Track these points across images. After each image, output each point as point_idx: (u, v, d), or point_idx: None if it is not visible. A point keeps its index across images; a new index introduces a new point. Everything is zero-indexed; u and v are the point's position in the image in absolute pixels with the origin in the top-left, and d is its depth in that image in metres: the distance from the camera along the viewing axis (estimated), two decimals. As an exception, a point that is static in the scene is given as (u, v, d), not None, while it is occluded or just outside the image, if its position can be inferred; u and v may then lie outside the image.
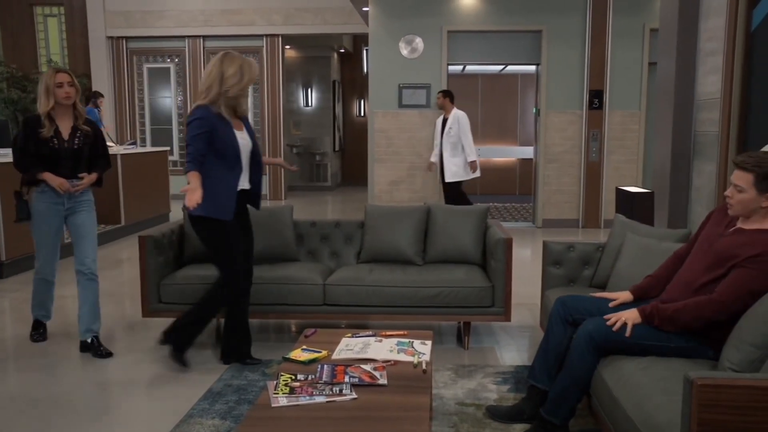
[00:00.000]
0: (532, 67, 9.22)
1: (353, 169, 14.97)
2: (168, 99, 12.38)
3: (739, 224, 2.58)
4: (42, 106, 3.85)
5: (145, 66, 12.30)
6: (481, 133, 11.58)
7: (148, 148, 10.59)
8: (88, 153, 4.00)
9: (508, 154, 11.78)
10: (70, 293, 5.78)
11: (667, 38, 4.61)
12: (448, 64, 8.80)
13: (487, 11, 8.73)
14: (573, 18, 8.62)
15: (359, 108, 15.31)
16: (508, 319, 4.07)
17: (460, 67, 10.58)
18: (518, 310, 4.83)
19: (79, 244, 4.01)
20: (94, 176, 4.03)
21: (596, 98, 8.69)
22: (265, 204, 3.91)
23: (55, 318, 4.60)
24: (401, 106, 8.73)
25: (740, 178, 2.51)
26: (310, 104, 14.20)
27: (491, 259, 4.15)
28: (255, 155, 3.68)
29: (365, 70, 14.41)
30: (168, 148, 10.09)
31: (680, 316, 2.51)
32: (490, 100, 11.93)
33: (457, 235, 4.35)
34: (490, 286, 4.04)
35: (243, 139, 3.61)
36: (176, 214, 9.52)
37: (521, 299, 5.00)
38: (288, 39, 12.51)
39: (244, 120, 3.70)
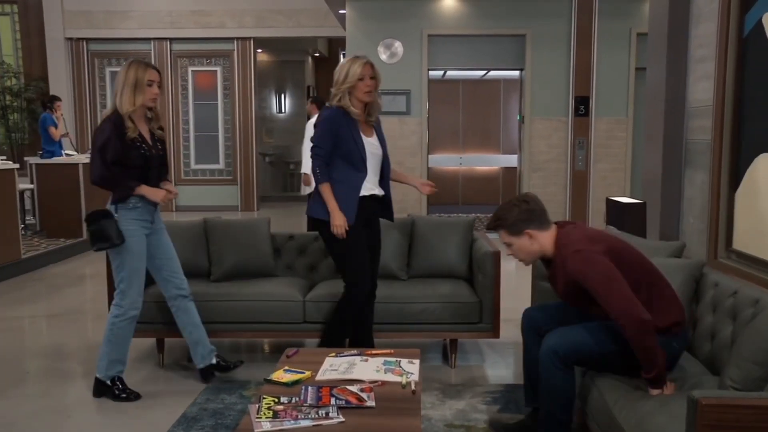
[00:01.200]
0: (516, 73, 9.32)
1: (329, 179, 14.94)
2: (133, 105, 12.26)
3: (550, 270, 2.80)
4: (126, 104, 3.48)
5: (108, 70, 12.19)
6: (463, 140, 11.65)
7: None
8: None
9: (490, 162, 11.86)
10: (36, 312, 5.70)
11: (657, 44, 4.68)
12: (429, 69, 8.86)
13: (469, 14, 8.81)
14: (558, 22, 8.74)
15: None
16: (497, 335, 4.09)
17: (441, 72, 10.65)
18: (506, 325, 4.85)
19: (169, 266, 3.74)
20: (173, 185, 3.78)
21: (582, 104, 8.81)
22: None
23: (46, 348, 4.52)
24: (382, 113, 8.71)
25: (501, 238, 2.86)
26: (283, 110, 14.18)
27: (478, 273, 4.16)
28: (385, 163, 3.73)
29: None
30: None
31: (643, 356, 2.50)
32: (471, 107, 12.02)
33: (443, 248, 4.37)
34: (477, 302, 4.06)
35: (372, 144, 3.65)
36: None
37: (509, 314, 5.02)
38: (260, 42, 12.49)
39: (376, 125, 3.73)
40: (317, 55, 14.53)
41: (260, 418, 2.31)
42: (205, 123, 12.14)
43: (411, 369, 2.80)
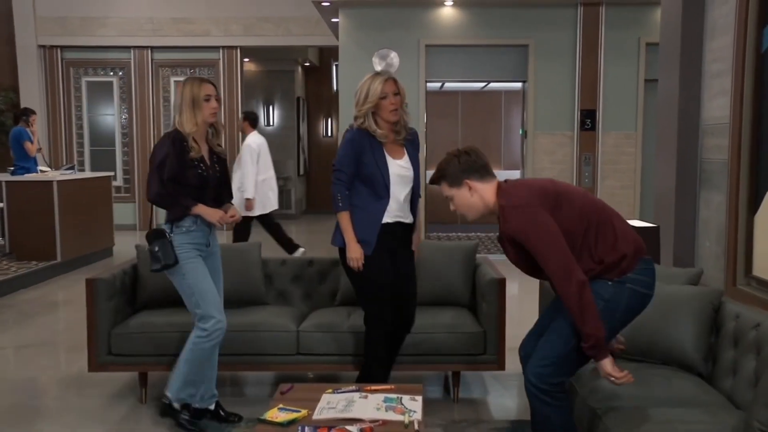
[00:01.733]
0: (518, 85, 9.38)
1: (319, 195, 14.98)
2: (110, 117, 12.28)
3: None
4: (188, 124, 3.54)
5: (84, 79, 12.22)
6: (462, 155, 11.70)
7: (89, 174, 10.48)
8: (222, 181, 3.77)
9: (491, 178, 11.91)
10: (4, 343, 5.67)
11: (669, 58, 4.73)
12: (426, 81, 8.91)
13: (468, 24, 8.88)
14: (562, 31, 8.81)
15: (326, 127, 15.37)
16: (502, 367, 4.09)
17: (438, 84, 10.72)
18: (512, 355, 4.83)
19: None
20: (235, 209, 3.78)
21: (588, 118, 8.86)
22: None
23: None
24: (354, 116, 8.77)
25: (443, 191, 2.91)
26: (272, 123, 14.22)
27: (482, 302, 4.16)
28: (415, 188, 3.71)
29: (334, 87, 14.50)
30: (111, 174, 10.00)
31: (583, 324, 2.60)
32: (471, 120, 12.09)
33: (444, 274, 4.37)
34: (481, 332, 4.06)
35: (400, 167, 3.63)
36: (122, 248, 9.40)
37: (515, 342, 5.00)
38: (247, 51, 12.54)
39: (408, 144, 3.70)
40: (308, 64, 14.60)
41: (254, 462, 2.30)
42: (188, 137, 12.15)
43: (413, 407, 2.80)
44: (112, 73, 12.22)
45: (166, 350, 4.00)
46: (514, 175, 10.19)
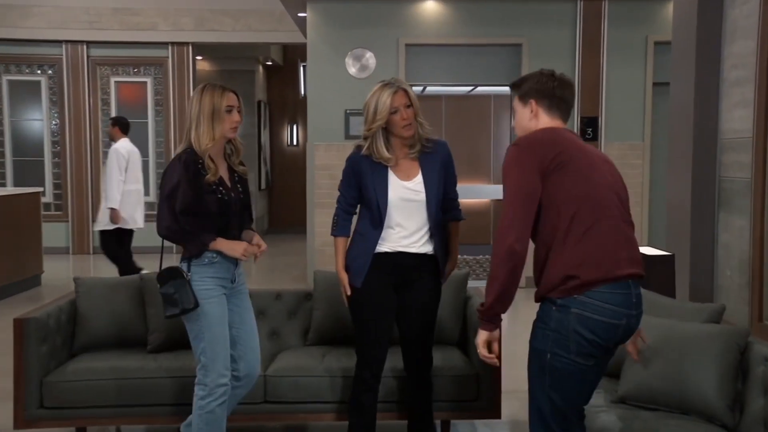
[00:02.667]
0: (509, 89, 9.43)
1: (284, 212, 14.94)
2: (38, 122, 12.14)
3: None
4: (204, 139, 3.47)
5: (5, 78, 12.06)
6: (446, 168, 11.73)
7: (12, 189, 10.34)
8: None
9: (479, 194, 11.92)
10: None
11: (682, 62, 4.80)
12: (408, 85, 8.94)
13: (454, 21, 8.94)
14: (560, 29, 8.89)
15: (291, 135, 15.35)
16: (498, 414, 4.09)
17: (420, 88, 10.76)
18: (508, 400, 4.84)
19: (246, 340, 3.71)
20: (258, 236, 3.72)
21: (589, 127, 8.94)
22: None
23: None
24: (349, 137, 8.79)
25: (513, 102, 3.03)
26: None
27: (475, 339, 4.16)
28: (432, 209, 3.65)
29: (302, 91, 14.51)
30: (40, 189, 9.88)
31: (493, 292, 2.76)
32: (456, 128, 12.11)
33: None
34: (473, 374, 4.06)
35: (407, 189, 3.63)
36: (53, 275, 9.26)
37: (510, 385, 5.01)
38: (200, 48, 12.52)
39: (428, 161, 3.67)
40: (270, 63, 14.60)
41: None
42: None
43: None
44: (39, 72, 12.08)
45: (109, 401, 3.95)
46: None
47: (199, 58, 13.10)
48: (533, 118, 2.92)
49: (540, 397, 2.79)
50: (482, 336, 2.87)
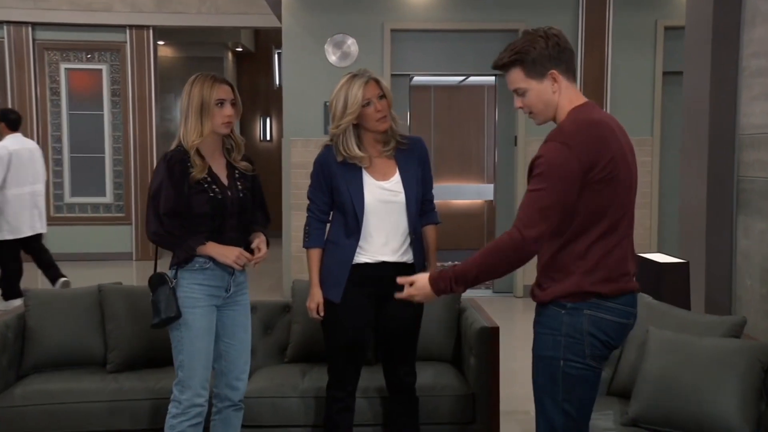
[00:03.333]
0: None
1: (255, 215, 14.88)
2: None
3: None
4: (191, 134, 3.50)
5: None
6: (436, 166, 11.73)
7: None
8: (251, 204, 3.73)
9: (472, 194, 11.95)
10: None
11: (696, 50, 4.81)
12: (392, 75, 8.93)
13: (444, 4, 8.94)
14: (561, 14, 8.89)
15: (264, 129, 15.32)
16: (496, 438, 4.09)
17: (407, 78, 10.75)
18: (507, 421, 4.85)
19: (232, 355, 3.72)
20: (264, 238, 3.73)
21: (593, 121, 8.98)
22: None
23: None
24: (328, 132, 8.69)
25: (512, 82, 2.86)
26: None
27: (470, 356, 4.18)
28: (412, 213, 3.66)
29: (277, 81, 14.48)
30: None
31: (479, 266, 2.78)
32: (446, 121, 12.14)
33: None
34: (469, 394, 4.08)
35: (384, 190, 3.62)
36: None
37: (509, 405, 5.02)
38: (163, 33, 12.43)
39: (404, 158, 3.68)
40: (240, 50, 14.57)
41: None
42: (86, 141, 11.94)
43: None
44: (-24, 58, 11.95)
45: (63, 427, 3.92)
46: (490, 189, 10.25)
47: (160, 43, 12.99)
48: (557, 92, 2.82)
49: (552, 410, 2.79)
50: (426, 296, 2.91)
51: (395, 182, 3.64)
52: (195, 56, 13.97)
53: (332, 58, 8.84)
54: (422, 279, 2.93)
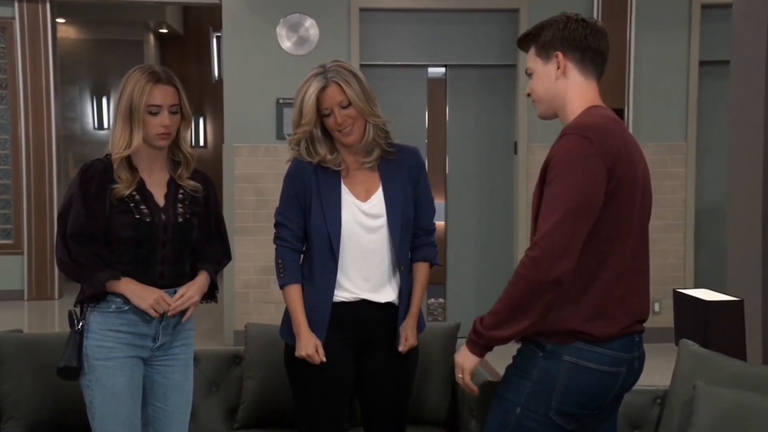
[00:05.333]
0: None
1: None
2: None
3: None
4: (117, 144, 3.50)
5: None
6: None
7: None
8: (198, 233, 3.69)
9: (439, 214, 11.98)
10: None
11: (747, 34, 4.83)
12: (362, 65, 8.92)
13: (426, -24, 9.01)
14: (572, -11, 8.98)
15: (197, 133, 15.27)
16: None
17: (378, 68, 10.75)
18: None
19: (164, 422, 3.69)
20: (203, 280, 3.68)
21: (612, 122, 9.01)
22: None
23: None
24: (282, 136, 8.80)
25: (528, 61, 3.12)
26: (105, 125, 14.06)
27: (470, 419, 4.19)
28: (399, 238, 3.65)
29: (215, 72, 14.46)
30: None
31: (507, 305, 2.84)
32: (432, 123, 12.12)
33: (408, 374, 4.39)
34: (468, 466, 4.09)
35: (363, 213, 3.62)
36: None
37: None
38: (63, 7, 12.38)
39: (391, 170, 3.68)
40: (165, 31, 14.59)
41: None
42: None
43: None
44: None
45: None
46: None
47: (61, 20, 12.94)
48: (561, 77, 2.99)
49: None
50: (468, 360, 2.97)
51: (376, 202, 3.65)
52: (106, 39, 13.98)
53: (286, 43, 8.86)
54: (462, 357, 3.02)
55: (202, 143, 15.22)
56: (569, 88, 2.98)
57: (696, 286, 7.47)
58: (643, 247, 2.98)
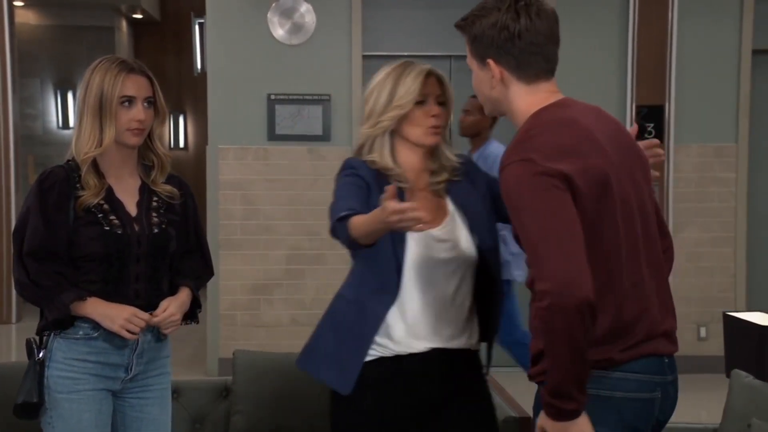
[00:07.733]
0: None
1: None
2: None
3: None
4: (86, 144, 3.48)
5: None
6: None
7: None
8: (175, 245, 3.68)
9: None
10: None
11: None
12: (364, 56, 8.97)
13: (436, -42, 9.03)
14: (603, -30, 9.01)
15: (176, 132, 15.31)
16: None
17: (382, 59, 10.80)
18: None
19: None
20: (185, 296, 3.67)
21: (650, 122, 8.96)
22: None
23: None
24: (274, 137, 8.88)
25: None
26: (70, 123, 14.09)
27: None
28: (487, 277, 3.47)
29: (197, 63, 14.50)
30: None
31: (554, 365, 2.70)
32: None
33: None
34: None
35: (435, 241, 3.38)
36: None
37: None
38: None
39: (456, 191, 3.53)
40: (139, 17, 14.66)
41: None
42: None
43: None
44: None
45: None
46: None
47: (19, 3, 12.99)
48: (499, 86, 2.92)
49: None
50: (550, 426, 2.80)
51: (447, 229, 3.45)
52: (71, 25, 14.01)
53: (279, 31, 8.88)
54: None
55: (182, 144, 15.23)
56: (510, 96, 2.93)
57: (749, 309, 7.48)
58: (650, 246, 2.91)
